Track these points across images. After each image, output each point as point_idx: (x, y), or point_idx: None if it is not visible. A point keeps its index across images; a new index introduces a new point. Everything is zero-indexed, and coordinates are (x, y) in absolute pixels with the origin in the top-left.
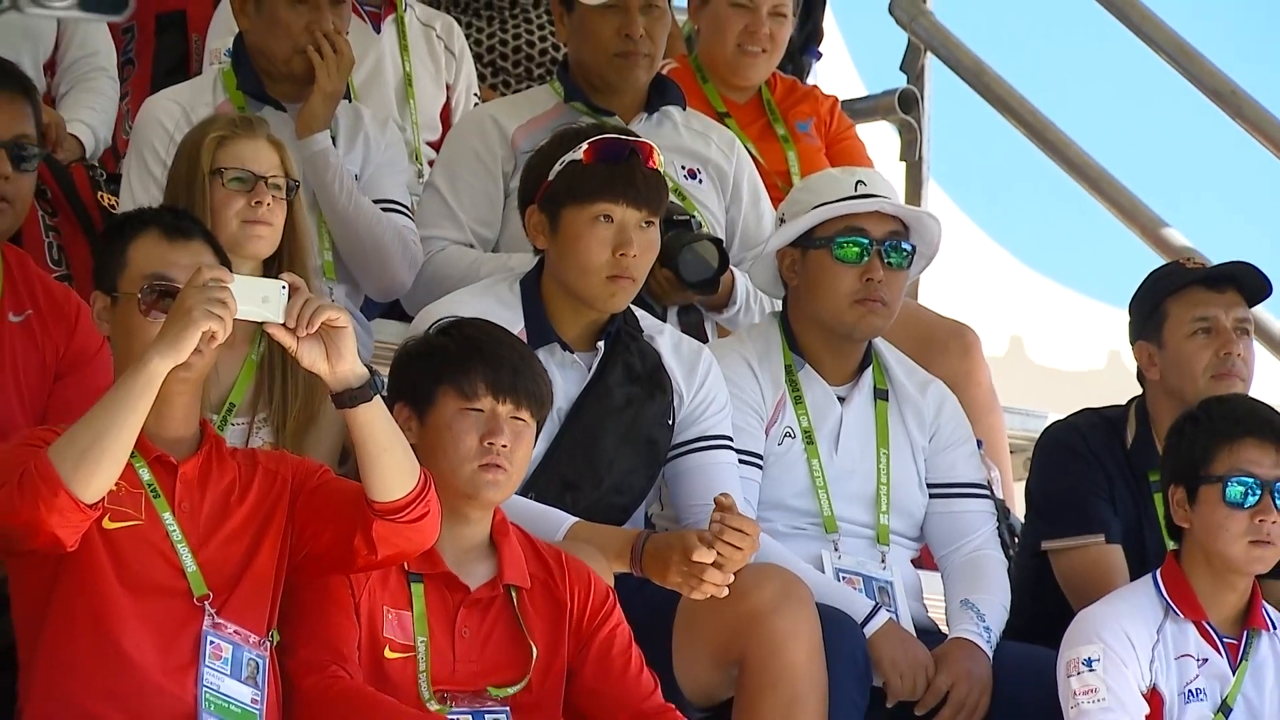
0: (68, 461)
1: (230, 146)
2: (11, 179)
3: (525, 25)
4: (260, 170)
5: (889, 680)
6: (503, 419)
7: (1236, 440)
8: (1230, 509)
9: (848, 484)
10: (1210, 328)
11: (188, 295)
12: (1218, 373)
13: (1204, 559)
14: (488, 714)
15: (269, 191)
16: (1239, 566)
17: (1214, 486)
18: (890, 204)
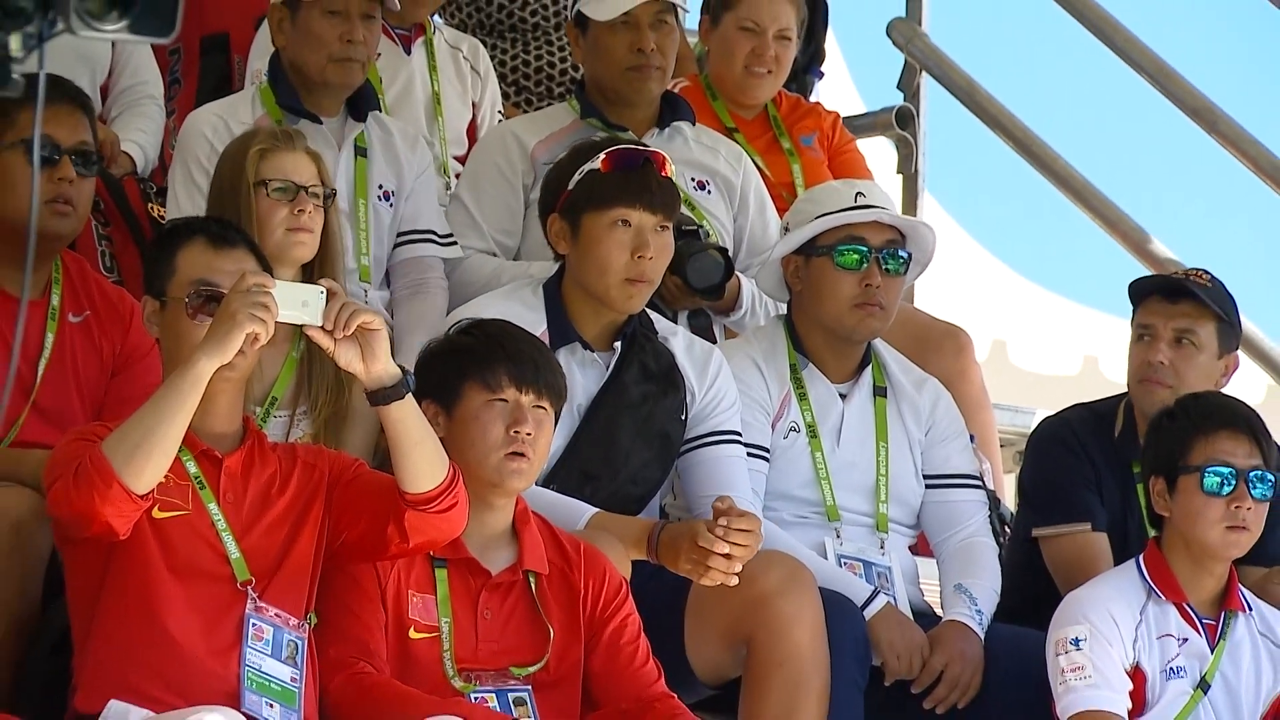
0: (120, 455)
1: (272, 159)
2: (75, 183)
3: (547, 47)
4: (301, 180)
5: (887, 660)
6: (526, 408)
7: (1212, 433)
8: (1208, 497)
9: (849, 475)
10: (1147, 335)
11: (233, 300)
12: (1140, 378)
13: (1184, 545)
14: (511, 692)
15: (309, 200)
16: (1216, 551)
17: (1192, 476)
18: (888, 214)
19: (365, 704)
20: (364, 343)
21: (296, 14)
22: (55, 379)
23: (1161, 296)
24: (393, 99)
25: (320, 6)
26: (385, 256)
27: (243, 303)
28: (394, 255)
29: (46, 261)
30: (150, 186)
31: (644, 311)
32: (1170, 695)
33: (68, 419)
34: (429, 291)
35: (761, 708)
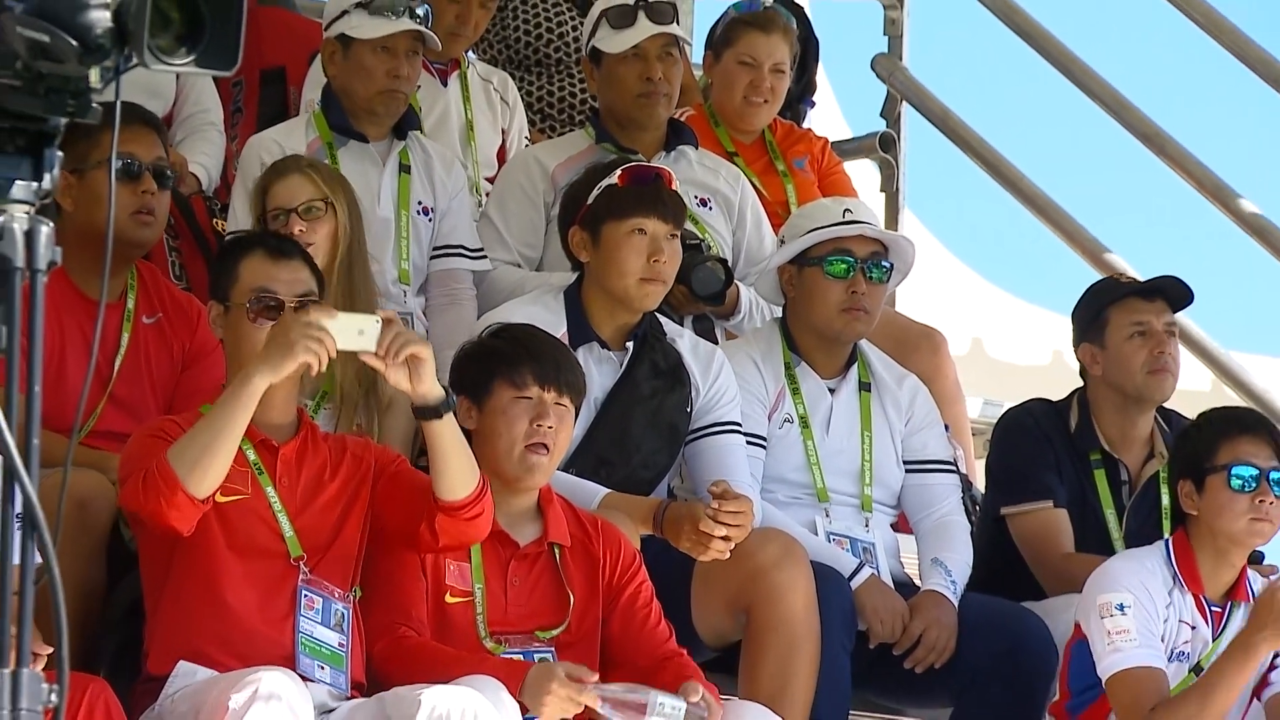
0: (184, 464)
1: (270, 192)
2: (155, 195)
3: (568, 80)
4: (289, 205)
5: (871, 626)
6: (548, 404)
7: (1235, 437)
8: (1234, 493)
9: (837, 461)
10: (1145, 331)
11: (293, 329)
12: (1153, 369)
13: (1210, 538)
14: (536, 652)
15: (300, 220)
16: (1242, 540)
17: (1219, 475)
18: (872, 229)
19: (408, 664)
20: (413, 368)
21: (348, 49)
22: (130, 374)
23: (1140, 297)
24: (431, 126)
25: (371, 43)
26: (424, 265)
27: (301, 334)
28: (430, 266)
29: (125, 268)
30: (215, 203)
31: (654, 315)
32: (1171, 677)
33: (141, 410)
34: (460, 302)
35: (759, 668)
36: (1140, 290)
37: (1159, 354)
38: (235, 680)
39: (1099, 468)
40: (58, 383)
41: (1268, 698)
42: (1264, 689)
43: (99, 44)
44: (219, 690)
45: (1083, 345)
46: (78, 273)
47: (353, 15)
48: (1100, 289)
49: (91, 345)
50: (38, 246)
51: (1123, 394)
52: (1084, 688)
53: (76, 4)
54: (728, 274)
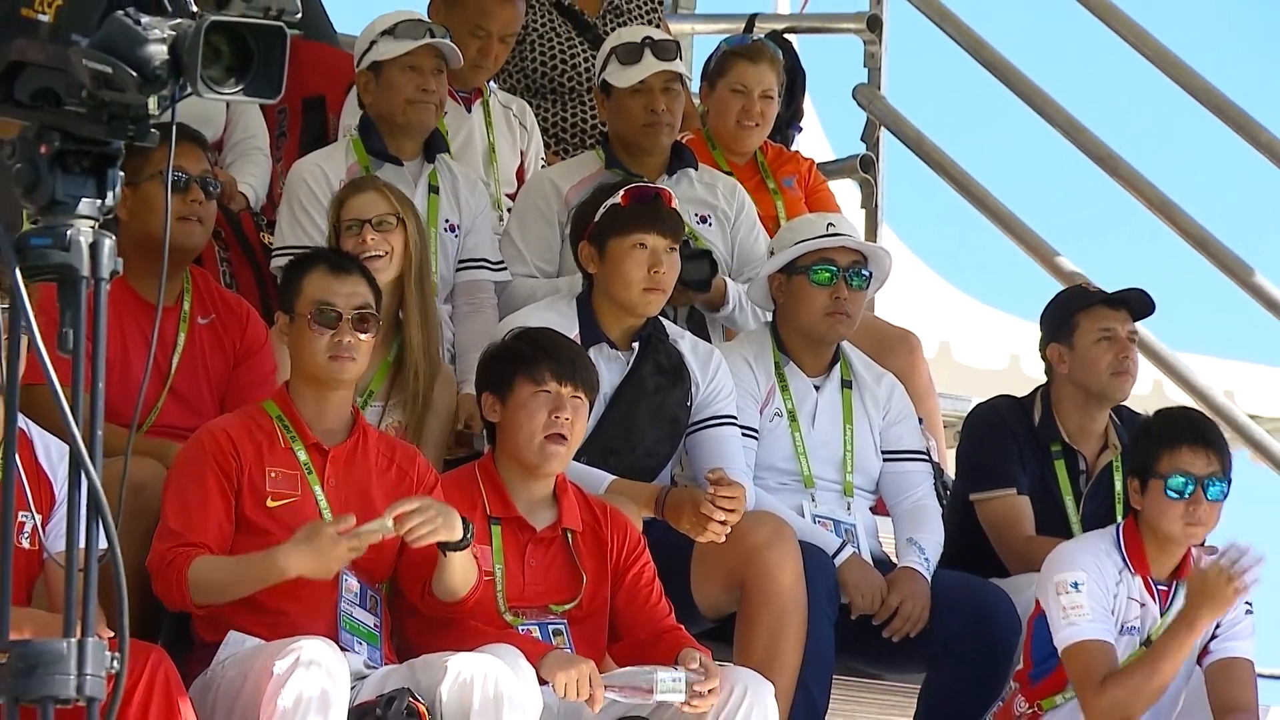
0: (200, 592)
1: (346, 204)
2: (202, 204)
3: (581, 107)
4: (365, 216)
5: (853, 599)
6: (565, 398)
7: (1176, 446)
8: (1170, 500)
9: (822, 451)
10: (1111, 337)
11: (332, 551)
12: (1116, 371)
13: (1152, 532)
14: (551, 625)
15: (371, 230)
16: (1178, 539)
17: (1159, 481)
18: (852, 240)
19: (441, 635)
20: (442, 525)
21: (379, 74)
22: (187, 370)
23: (1107, 305)
24: (457, 148)
25: (399, 63)
26: (450, 276)
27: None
28: (456, 278)
29: (178, 272)
30: (261, 219)
31: (657, 318)
32: (1121, 649)
33: (198, 403)
34: (483, 310)
35: (752, 637)
36: (1108, 300)
37: (1123, 358)
38: (279, 648)
39: (1059, 458)
40: (122, 380)
41: (1208, 664)
42: (1205, 657)
43: (157, 75)
44: (265, 656)
45: (1051, 345)
46: (135, 278)
47: (380, 43)
48: (1071, 296)
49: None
50: (101, 257)
51: (1086, 391)
52: (1044, 657)
53: (136, 39)
54: (712, 265)
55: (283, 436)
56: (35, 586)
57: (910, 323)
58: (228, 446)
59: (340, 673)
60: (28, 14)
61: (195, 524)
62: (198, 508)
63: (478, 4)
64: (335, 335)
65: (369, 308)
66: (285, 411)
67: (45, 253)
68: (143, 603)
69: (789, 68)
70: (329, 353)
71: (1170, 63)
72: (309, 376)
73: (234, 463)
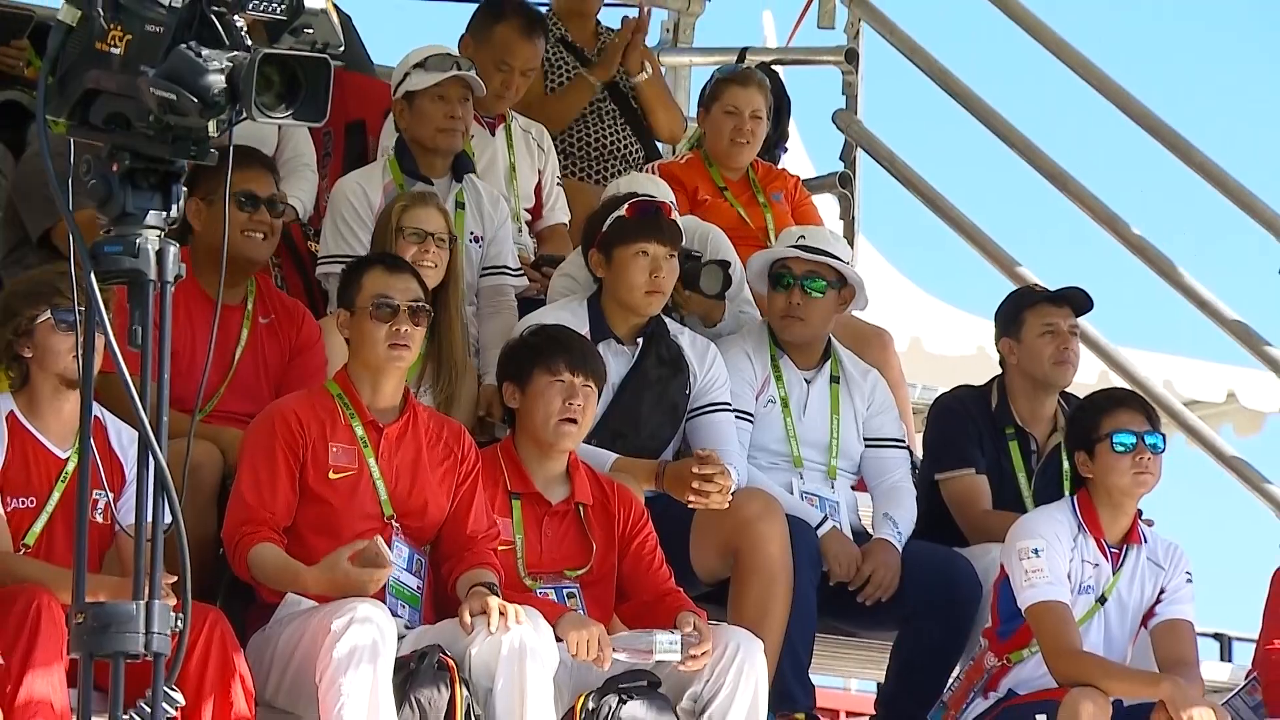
0: (254, 573)
1: (410, 212)
2: (268, 222)
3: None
4: (429, 229)
5: (832, 567)
6: (577, 386)
7: (1115, 411)
8: (1118, 455)
9: (810, 436)
10: (1053, 330)
11: (345, 584)
12: (1057, 360)
13: (1106, 494)
14: (565, 588)
15: (434, 244)
16: (1130, 491)
17: (1105, 443)
18: (809, 253)
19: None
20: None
21: (412, 103)
22: (248, 363)
23: (1050, 303)
24: (482, 167)
25: (429, 93)
26: (474, 281)
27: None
28: (480, 283)
29: (245, 279)
30: (309, 229)
31: (659, 316)
32: (1079, 606)
33: (256, 392)
34: (503, 311)
35: (744, 599)
36: (1051, 297)
37: (1063, 349)
38: (336, 608)
39: (1013, 439)
40: (189, 371)
41: (1153, 625)
42: (1150, 619)
43: (215, 101)
44: (321, 615)
45: (1003, 340)
46: (206, 281)
47: (413, 75)
48: (1019, 295)
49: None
50: (166, 263)
51: (1033, 380)
52: (1010, 616)
53: (197, 69)
54: (726, 278)
55: (343, 414)
56: (106, 557)
57: (884, 321)
58: (295, 425)
59: (389, 630)
60: (101, 48)
61: (266, 497)
62: (268, 482)
63: (502, 42)
64: (394, 325)
65: (421, 302)
66: (346, 392)
67: (117, 259)
68: (202, 568)
69: (776, 95)
70: (388, 341)
71: (1115, 91)
72: (368, 363)
73: (300, 440)
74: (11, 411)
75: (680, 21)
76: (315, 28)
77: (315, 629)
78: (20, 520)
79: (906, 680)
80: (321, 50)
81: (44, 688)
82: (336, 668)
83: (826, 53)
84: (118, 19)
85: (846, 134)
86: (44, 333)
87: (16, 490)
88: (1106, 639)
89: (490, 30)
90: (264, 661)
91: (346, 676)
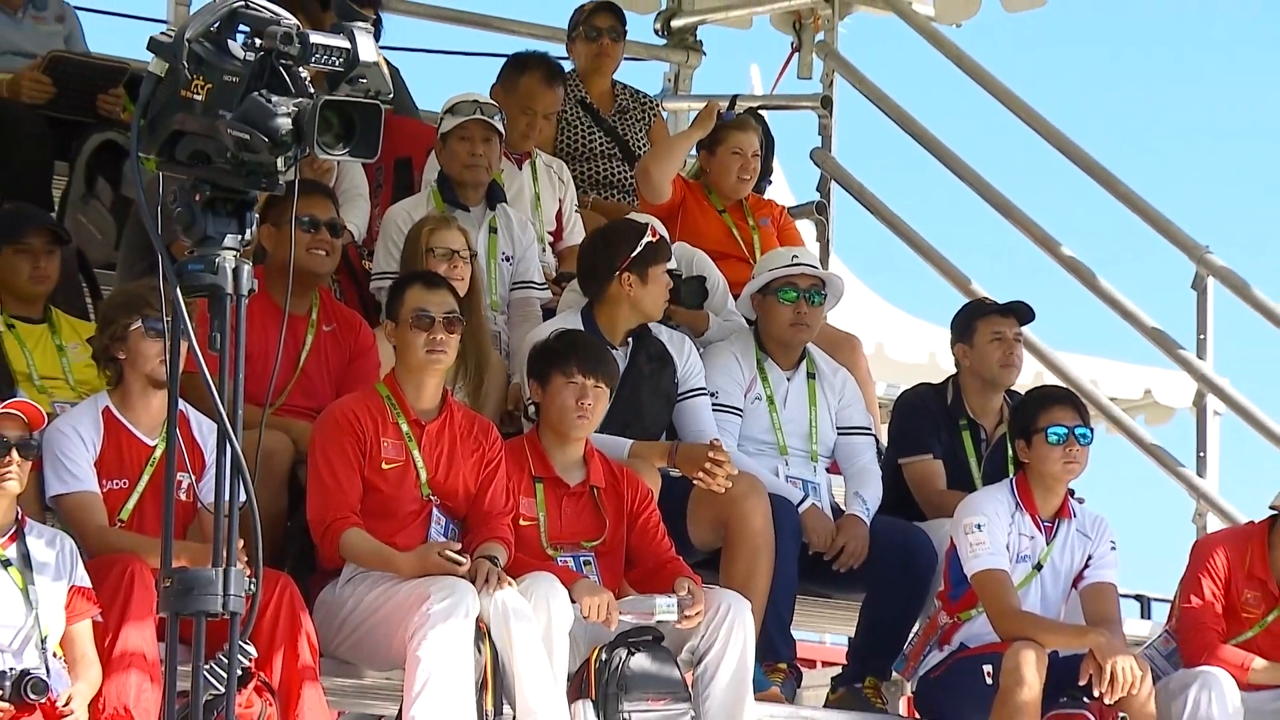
0: (345, 555)
1: (437, 234)
2: (329, 241)
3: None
4: (453, 247)
5: (810, 539)
6: (589, 387)
7: (1050, 407)
8: (1051, 446)
9: (792, 427)
10: (1000, 338)
11: (433, 567)
12: (1003, 364)
13: (1040, 477)
14: (581, 557)
15: (459, 260)
16: (1060, 477)
17: (1040, 435)
18: (811, 269)
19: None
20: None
21: (446, 143)
22: (313, 364)
23: (998, 314)
24: (511, 196)
25: (455, 134)
26: (506, 296)
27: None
28: (511, 295)
29: (310, 292)
30: (363, 250)
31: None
32: (1017, 573)
33: (319, 390)
34: (530, 319)
35: (733, 566)
36: (999, 309)
37: (1009, 354)
38: (434, 580)
39: (965, 430)
40: (263, 371)
41: (1083, 587)
42: (1080, 582)
43: (283, 140)
44: (414, 585)
45: (958, 345)
46: (277, 294)
47: (445, 119)
48: (971, 307)
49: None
50: (241, 279)
51: (983, 379)
52: (959, 581)
53: (268, 113)
54: (702, 290)
55: (391, 413)
56: (189, 530)
57: (853, 328)
58: (356, 423)
59: (472, 600)
60: (185, 95)
61: (344, 484)
62: (344, 474)
63: (527, 91)
64: (431, 334)
65: (455, 313)
66: (394, 393)
67: (199, 276)
68: (273, 540)
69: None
70: (426, 348)
71: (1051, 131)
72: (411, 367)
73: (362, 437)
74: (107, 406)
75: (680, 72)
76: (368, 78)
77: (408, 597)
78: (114, 499)
79: (873, 635)
80: (374, 97)
81: (137, 641)
82: (430, 624)
83: (805, 99)
84: (200, 71)
85: (822, 169)
86: (135, 338)
87: (111, 473)
88: (1043, 600)
89: (516, 80)
90: (334, 619)
91: (436, 631)
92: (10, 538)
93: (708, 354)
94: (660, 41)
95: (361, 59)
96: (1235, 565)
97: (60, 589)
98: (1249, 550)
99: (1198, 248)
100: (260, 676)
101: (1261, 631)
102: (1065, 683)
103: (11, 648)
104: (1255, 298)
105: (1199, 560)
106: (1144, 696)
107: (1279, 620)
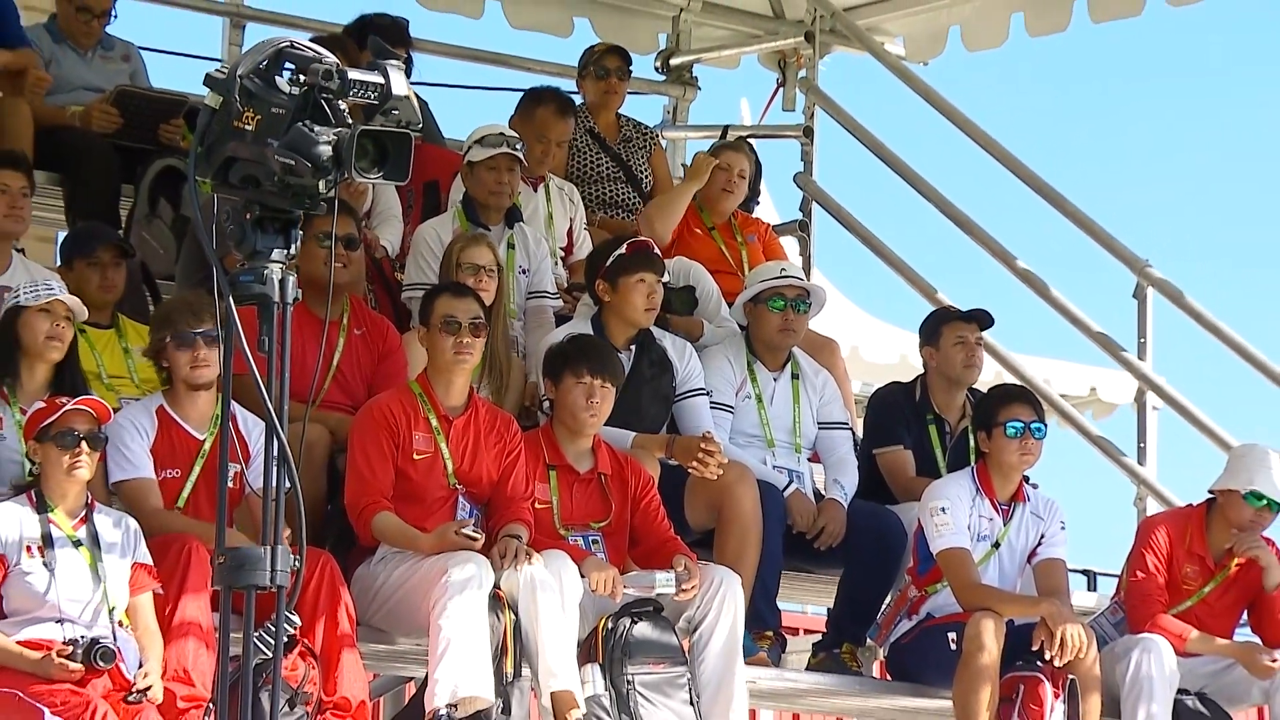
0: (377, 534)
1: (466, 251)
2: (346, 254)
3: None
4: (480, 263)
5: (794, 520)
6: (596, 387)
7: (1008, 404)
8: (1009, 439)
9: (778, 422)
10: (963, 342)
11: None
12: (966, 365)
13: (998, 466)
14: (590, 537)
15: (485, 274)
16: (1017, 467)
17: (1000, 428)
18: (798, 281)
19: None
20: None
21: (473, 170)
22: (346, 365)
23: (962, 320)
24: (527, 216)
25: (484, 164)
26: (522, 304)
27: (452, 544)
28: (527, 304)
29: (339, 299)
30: (396, 264)
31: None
32: (978, 551)
33: (352, 387)
34: (544, 325)
35: (726, 545)
36: (962, 316)
37: (971, 356)
38: (450, 556)
39: (932, 424)
40: (301, 371)
41: (1035, 563)
42: (1033, 558)
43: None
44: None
45: (925, 348)
46: (311, 303)
47: (474, 148)
48: (937, 313)
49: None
50: (287, 289)
51: (948, 379)
52: (926, 558)
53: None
54: (692, 300)
55: (422, 409)
56: (238, 512)
57: (833, 333)
58: (390, 418)
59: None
60: (238, 125)
61: (378, 473)
62: (379, 463)
63: (541, 121)
64: (458, 338)
65: (480, 319)
66: (425, 391)
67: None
68: (315, 522)
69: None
70: (453, 350)
71: (1006, 156)
72: (440, 368)
73: (396, 429)
74: (161, 405)
75: (678, 105)
76: (400, 110)
77: (430, 570)
78: (170, 488)
79: (850, 606)
80: (405, 127)
81: (194, 611)
82: (449, 594)
83: (789, 129)
84: (250, 103)
85: (804, 191)
86: (169, 350)
87: (164, 464)
88: (1000, 575)
89: (532, 112)
90: (369, 591)
91: (454, 600)
92: (81, 520)
93: (703, 357)
94: (660, 77)
95: (394, 93)
96: (1176, 543)
97: (125, 565)
98: (1189, 529)
99: (1139, 261)
100: (304, 643)
101: (1199, 601)
102: (1021, 648)
103: (83, 619)
104: (1190, 305)
105: (1144, 538)
106: (1090, 660)
107: (1215, 591)
